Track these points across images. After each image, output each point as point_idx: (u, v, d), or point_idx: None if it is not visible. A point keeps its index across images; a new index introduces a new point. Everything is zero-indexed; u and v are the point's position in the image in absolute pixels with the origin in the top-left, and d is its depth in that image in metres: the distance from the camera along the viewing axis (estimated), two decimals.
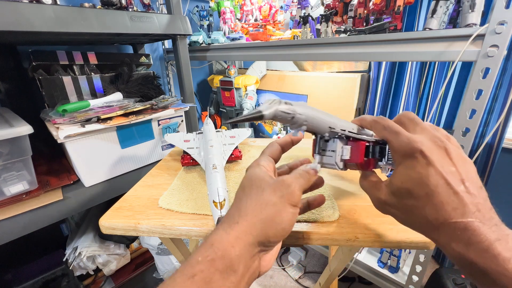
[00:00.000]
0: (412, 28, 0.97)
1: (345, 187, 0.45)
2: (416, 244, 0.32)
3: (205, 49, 1.12)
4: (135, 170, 0.77)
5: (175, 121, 0.83)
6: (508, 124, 0.90)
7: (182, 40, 0.89)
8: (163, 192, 0.44)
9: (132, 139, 0.74)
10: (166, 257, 0.96)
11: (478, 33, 0.50)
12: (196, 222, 0.37)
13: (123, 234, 0.38)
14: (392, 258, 0.92)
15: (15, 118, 0.62)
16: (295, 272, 1.24)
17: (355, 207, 0.38)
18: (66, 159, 0.79)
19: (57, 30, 0.58)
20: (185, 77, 0.93)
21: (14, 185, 0.58)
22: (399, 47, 0.62)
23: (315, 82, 1.25)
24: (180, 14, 0.85)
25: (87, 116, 0.64)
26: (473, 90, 0.53)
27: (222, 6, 1.18)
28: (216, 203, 0.34)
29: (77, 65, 0.79)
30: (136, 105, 0.73)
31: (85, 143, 0.65)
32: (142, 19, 0.73)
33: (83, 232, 0.93)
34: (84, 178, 0.68)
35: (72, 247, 0.89)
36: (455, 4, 0.58)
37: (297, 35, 0.89)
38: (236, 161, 0.55)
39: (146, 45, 1.21)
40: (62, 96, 0.73)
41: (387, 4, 0.69)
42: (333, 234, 0.34)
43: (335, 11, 0.82)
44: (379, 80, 1.11)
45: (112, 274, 0.99)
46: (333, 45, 0.74)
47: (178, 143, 0.55)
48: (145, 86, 0.84)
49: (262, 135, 1.56)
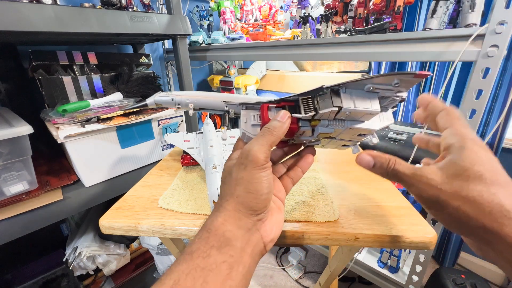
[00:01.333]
0: (412, 28, 0.97)
1: (345, 187, 0.45)
2: (416, 244, 0.32)
3: (205, 49, 1.12)
4: (135, 170, 0.77)
5: (175, 121, 0.83)
6: (508, 124, 0.90)
7: (182, 40, 0.89)
8: (163, 192, 0.44)
9: (132, 139, 0.74)
10: (166, 257, 0.96)
11: (478, 33, 0.50)
12: (196, 222, 0.37)
13: (123, 234, 0.38)
14: (392, 258, 0.92)
15: (15, 118, 0.62)
16: (295, 272, 1.23)
17: (355, 207, 0.38)
18: (66, 159, 0.79)
19: (57, 30, 0.58)
20: (185, 77, 0.93)
21: (14, 185, 0.58)
22: (399, 47, 0.62)
23: (315, 82, 1.25)
24: (180, 14, 0.85)
25: (87, 116, 0.64)
26: (473, 90, 0.53)
27: (222, 6, 1.18)
28: (216, 203, 0.34)
29: (77, 65, 0.79)
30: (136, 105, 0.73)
31: (85, 143, 0.65)
32: (142, 19, 0.73)
33: (83, 232, 0.93)
34: (84, 178, 0.68)
35: (72, 247, 0.89)
36: (455, 4, 0.58)
37: (297, 35, 0.89)
38: None
39: (146, 45, 1.21)
40: (62, 96, 0.73)
41: (387, 4, 0.69)
42: (333, 234, 0.34)
43: (335, 11, 0.82)
44: None
45: (112, 274, 0.99)
46: (333, 45, 0.74)
47: (178, 143, 0.55)
48: (145, 86, 0.84)
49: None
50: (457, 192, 0.20)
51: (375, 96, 0.25)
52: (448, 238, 1.15)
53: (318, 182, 0.46)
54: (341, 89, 0.25)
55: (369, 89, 0.25)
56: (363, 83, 0.24)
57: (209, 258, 0.21)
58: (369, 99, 0.25)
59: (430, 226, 0.34)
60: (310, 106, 0.26)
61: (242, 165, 0.25)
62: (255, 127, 0.29)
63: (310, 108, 0.26)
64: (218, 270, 0.21)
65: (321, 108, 0.25)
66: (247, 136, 0.29)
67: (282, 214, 0.28)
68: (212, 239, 0.22)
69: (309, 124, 0.28)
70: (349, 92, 0.25)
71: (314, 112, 0.26)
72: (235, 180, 0.25)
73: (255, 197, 0.24)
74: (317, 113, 0.26)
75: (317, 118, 0.27)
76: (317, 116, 0.26)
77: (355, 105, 0.25)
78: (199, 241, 0.22)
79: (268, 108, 0.28)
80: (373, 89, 0.24)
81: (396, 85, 0.23)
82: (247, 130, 0.29)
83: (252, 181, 0.24)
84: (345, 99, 0.25)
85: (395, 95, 0.25)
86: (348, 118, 0.27)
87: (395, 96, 0.25)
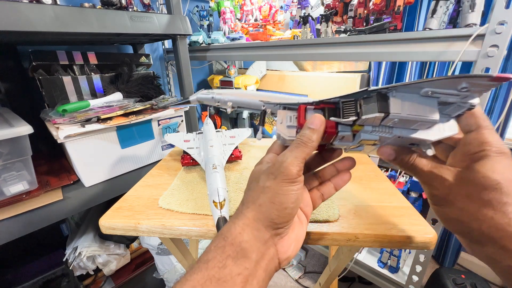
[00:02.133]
0: (412, 28, 0.97)
1: (345, 187, 0.45)
2: (416, 244, 0.32)
3: (205, 49, 1.12)
4: (135, 170, 0.77)
5: (175, 121, 0.83)
6: (508, 124, 0.90)
7: (182, 40, 0.89)
8: (163, 192, 0.44)
9: (132, 139, 0.74)
10: (166, 257, 0.96)
11: (478, 33, 0.50)
12: (196, 222, 0.37)
13: (123, 234, 0.38)
14: (392, 258, 0.92)
15: (15, 118, 0.62)
16: (295, 272, 1.23)
17: (355, 207, 0.38)
18: (66, 159, 0.79)
19: (57, 30, 0.58)
20: (185, 77, 0.93)
21: (14, 185, 0.58)
22: (399, 47, 0.62)
23: (315, 82, 1.25)
24: (180, 14, 0.85)
25: (87, 116, 0.64)
26: None
27: (222, 6, 1.18)
28: (216, 203, 0.34)
29: (77, 65, 0.79)
30: (136, 105, 0.73)
31: (85, 143, 0.65)
32: (142, 19, 0.73)
33: (83, 232, 0.93)
34: (84, 178, 0.68)
35: (72, 247, 0.89)
36: (455, 4, 0.58)
37: (297, 35, 0.89)
38: (236, 161, 0.55)
39: (146, 45, 1.21)
40: (62, 96, 0.73)
41: (387, 4, 0.69)
42: (333, 234, 0.34)
43: (335, 11, 0.82)
44: (379, 80, 1.11)
45: (112, 274, 0.99)
46: (333, 45, 0.74)
47: (178, 143, 0.55)
48: (145, 86, 0.84)
49: (262, 135, 1.56)
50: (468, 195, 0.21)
51: (434, 102, 0.21)
52: (448, 238, 1.15)
53: None
54: (390, 92, 0.22)
55: (426, 93, 0.21)
56: (419, 86, 0.21)
57: (225, 269, 0.21)
58: (426, 105, 0.21)
59: (430, 226, 0.34)
60: (352, 110, 0.24)
61: (272, 175, 0.24)
62: (291, 129, 0.27)
63: (352, 113, 0.24)
64: (233, 282, 0.21)
65: (363, 113, 0.23)
66: (282, 138, 0.28)
67: (303, 230, 0.27)
68: (228, 248, 0.22)
69: (351, 129, 0.25)
70: (400, 96, 0.22)
71: (355, 117, 0.23)
72: (261, 188, 0.24)
73: (278, 209, 0.23)
74: (358, 119, 0.23)
75: (359, 123, 0.24)
76: (359, 121, 0.24)
77: (406, 111, 0.21)
78: (215, 250, 0.22)
79: (306, 110, 0.26)
80: (432, 94, 0.21)
81: (464, 90, 0.20)
82: (282, 131, 0.27)
83: (279, 192, 0.23)
84: (394, 104, 0.22)
85: (461, 101, 0.21)
86: (397, 125, 0.23)
87: (462, 103, 0.21)
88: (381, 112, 0.22)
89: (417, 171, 0.24)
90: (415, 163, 0.24)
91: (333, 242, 0.34)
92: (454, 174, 0.22)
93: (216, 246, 0.22)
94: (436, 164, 0.23)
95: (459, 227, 0.23)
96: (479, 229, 0.21)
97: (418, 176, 0.24)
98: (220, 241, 0.23)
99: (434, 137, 0.23)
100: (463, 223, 0.22)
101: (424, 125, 0.22)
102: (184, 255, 0.57)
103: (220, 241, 0.23)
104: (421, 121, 0.22)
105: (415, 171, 0.24)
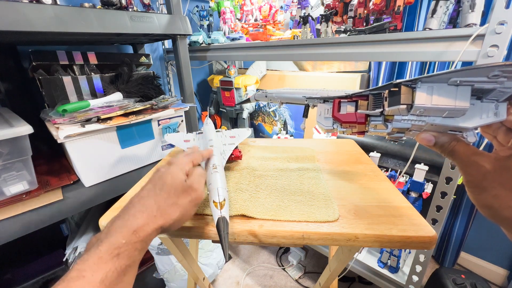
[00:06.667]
0: (412, 28, 0.97)
1: (345, 186, 0.45)
2: (416, 244, 0.32)
3: (205, 49, 1.12)
4: (135, 170, 0.77)
5: (175, 121, 0.83)
6: None
7: (182, 40, 0.89)
8: None
9: (132, 139, 0.74)
10: (166, 257, 0.96)
11: (478, 33, 0.50)
12: (196, 222, 0.37)
13: None
14: (392, 258, 0.92)
15: (15, 118, 0.62)
16: (295, 272, 1.23)
17: (355, 207, 0.38)
18: (66, 159, 0.79)
19: (57, 30, 0.58)
20: (185, 77, 0.93)
21: (14, 185, 0.58)
22: (399, 47, 0.62)
23: (315, 82, 1.25)
24: (180, 14, 0.85)
25: (87, 116, 0.64)
26: None
27: (222, 6, 1.18)
28: (216, 203, 0.34)
29: (77, 65, 0.79)
30: (136, 105, 0.73)
31: (85, 143, 0.65)
32: (142, 19, 0.73)
33: (83, 232, 0.93)
34: (84, 178, 0.68)
35: (72, 247, 0.88)
36: (455, 4, 0.58)
37: (297, 35, 0.89)
38: (236, 161, 0.55)
39: (146, 45, 1.21)
40: (62, 96, 0.73)
41: (387, 4, 0.69)
42: (333, 234, 0.34)
43: (335, 11, 0.82)
44: (379, 80, 1.11)
45: None
46: (333, 45, 0.74)
47: (178, 143, 0.55)
48: (145, 86, 0.84)
49: (262, 135, 1.56)
50: (503, 183, 0.22)
51: (467, 90, 0.22)
52: (448, 238, 1.15)
53: (318, 182, 0.46)
54: (415, 84, 0.23)
55: (454, 82, 0.21)
56: (446, 77, 0.21)
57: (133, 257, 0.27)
58: (455, 93, 0.22)
59: (430, 226, 0.34)
60: (379, 102, 0.26)
61: (188, 196, 0.33)
62: (328, 120, 0.32)
63: (378, 104, 0.26)
64: None
65: (388, 105, 0.24)
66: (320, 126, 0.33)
67: None
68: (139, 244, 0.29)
69: (383, 119, 0.27)
70: (425, 87, 0.23)
71: (381, 108, 0.25)
72: (174, 204, 0.31)
73: (180, 223, 0.32)
74: (384, 110, 0.25)
75: (386, 114, 0.26)
76: (385, 112, 0.25)
77: (432, 101, 0.22)
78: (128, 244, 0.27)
79: (340, 103, 0.30)
80: (460, 83, 0.21)
81: (496, 77, 0.20)
82: (321, 122, 0.32)
83: (188, 212, 0.33)
84: (419, 95, 0.23)
85: (501, 88, 0.21)
86: (425, 114, 0.24)
87: (503, 88, 0.21)
88: (403, 104, 0.23)
89: (456, 156, 0.25)
90: (454, 149, 0.25)
91: (333, 242, 0.34)
92: (491, 161, 0.23)
93: (129, 241, 0.27)
94: (475, 151, 0.24)
95: (492, 214, 0.23)
96: (510, 217, 0.22)
97: (457, 162, 0.25)
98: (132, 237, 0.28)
99: (473, 124, 0.23)
100: (496, 210, 0.23)
101: (455, 113, 0.23)
102: (184, 255, 0.57)
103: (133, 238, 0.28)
104: (449, 109, 0.22)
105: (453, 156, 0.25)
